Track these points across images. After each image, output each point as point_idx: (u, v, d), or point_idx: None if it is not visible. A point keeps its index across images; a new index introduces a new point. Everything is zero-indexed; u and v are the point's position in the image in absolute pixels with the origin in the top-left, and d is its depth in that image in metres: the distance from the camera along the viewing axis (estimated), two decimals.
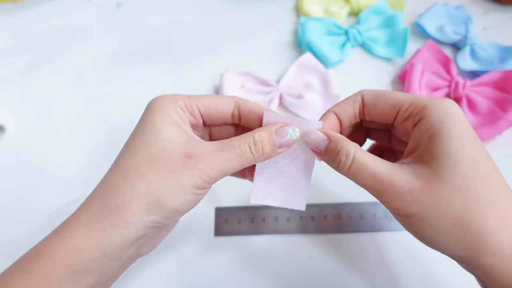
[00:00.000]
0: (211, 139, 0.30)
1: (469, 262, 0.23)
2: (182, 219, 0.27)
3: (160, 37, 0.54)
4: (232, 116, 0.27)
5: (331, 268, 0.34)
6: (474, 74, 0.47)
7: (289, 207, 0.28)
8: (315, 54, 0.48)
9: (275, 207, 0.36)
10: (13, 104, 0.47)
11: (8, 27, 0.56)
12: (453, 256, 0.23)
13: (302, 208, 0.28)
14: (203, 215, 0.34)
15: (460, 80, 0.43)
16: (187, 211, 0.25)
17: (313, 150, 0.26)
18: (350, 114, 0.27)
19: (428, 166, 0.22)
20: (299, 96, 0.44)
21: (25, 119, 0.46)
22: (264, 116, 0.26)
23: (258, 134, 0.25)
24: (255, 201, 0.27)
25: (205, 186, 0.24)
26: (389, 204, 0.23)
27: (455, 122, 0.22)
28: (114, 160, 0.25)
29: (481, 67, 0.46)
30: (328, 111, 0.28)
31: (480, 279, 0.24)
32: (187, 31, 0.55)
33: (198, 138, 0.26)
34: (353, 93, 0.28)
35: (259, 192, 0.27)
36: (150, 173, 0.22)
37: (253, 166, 0.28)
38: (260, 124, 0.26)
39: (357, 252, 0.35)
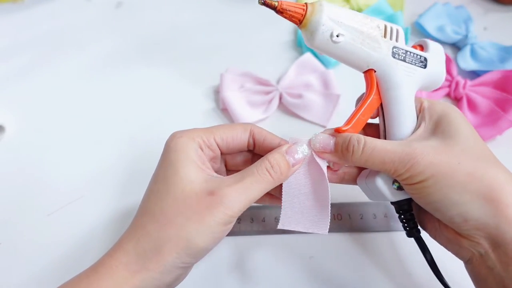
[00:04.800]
0: (226, 167, 0.31)
1: (483, 224, 0.23)
2: None
3: (160, 37, 0.54)
4: (248, 144, 0.29)
5: (331, 268, 0.34)
6: (474, 74, 0.47)
7: (314, 231, 0.28)
8: (315, 54, 0.48)
9: (276, 207, 0.36)
10: (13, 104, 0.47)
11: (8, 27, 0.56)
12: (468, 221, 0.24)
13: (325, 231, 0.27)
14: None
15: (461, 80, 0.43)
16: (214, 246, 0.25)
17: (320, 155, 0.27)
18: None
19: (434, 140, 0.25)
20: (299, 96, 0.44)
21: (25, 119, 0.46)
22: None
23: (272, 157, 0.26)
24: (283, 227, 0.27)
25: (231, 221, 0.24)
26: (406, 173, 0.24)
27: (455, 111, 0.27)
28: (140, 203, 0.26)
29: (481, 67, 0.46)
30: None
31: (480, 256, 0.24)
32: (187, 31, 0.55)
33: (216, 174, 0.26)
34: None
35: (286, 219, 0.28)
36: (177, 217, 0.23)
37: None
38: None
39: (357, 252, 0.35)
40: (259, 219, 0.37)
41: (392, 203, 0.29)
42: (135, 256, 0.23)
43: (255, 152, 0.30)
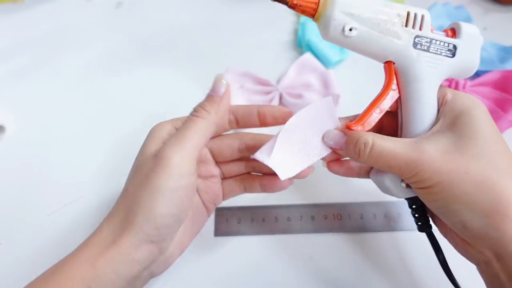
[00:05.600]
0: (224, 178, 0.33)
1: (484, 235, 0.23)
2: None
3: (160, 37, 0.54)
4: (230, 122, 0.30)
5: (331, 268, 0.34)
6: (474, 74, 0.46)
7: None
8: (315, 54, 0.48)
9: (275, 206, 0.36)
10: (13, 104, 0.47)
11: (8, 27, 0.56)
12: (469, 229, 0.23)
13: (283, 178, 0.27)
14: None
15: (460, 80, 0.43)
16: (182, 213, 0.26)
17: (333, 150, 0.28)
18: None
19: (448, 139, 0.24)
20: (299, 96, 0.44)
21: (25, 119, 0.46)
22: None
23: (198, 104, 0.28)
24: (286, 176, 0.27)
25: (180, 179, 0.25)
26: (413, 177, 0.24)
27: (479, 108, 0.25)
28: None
29: (481, 67, 0.46)
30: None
31: (485, 263, 0.24)
32: (187, 31, 0.55)
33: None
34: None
35: (283, 170, 0.27)
36: (137, 190, 0.25)
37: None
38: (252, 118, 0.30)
39: (357, 252, 0.35)
40: (259, 219, 0.37)
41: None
42: (107, 232, 0.24)
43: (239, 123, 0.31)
